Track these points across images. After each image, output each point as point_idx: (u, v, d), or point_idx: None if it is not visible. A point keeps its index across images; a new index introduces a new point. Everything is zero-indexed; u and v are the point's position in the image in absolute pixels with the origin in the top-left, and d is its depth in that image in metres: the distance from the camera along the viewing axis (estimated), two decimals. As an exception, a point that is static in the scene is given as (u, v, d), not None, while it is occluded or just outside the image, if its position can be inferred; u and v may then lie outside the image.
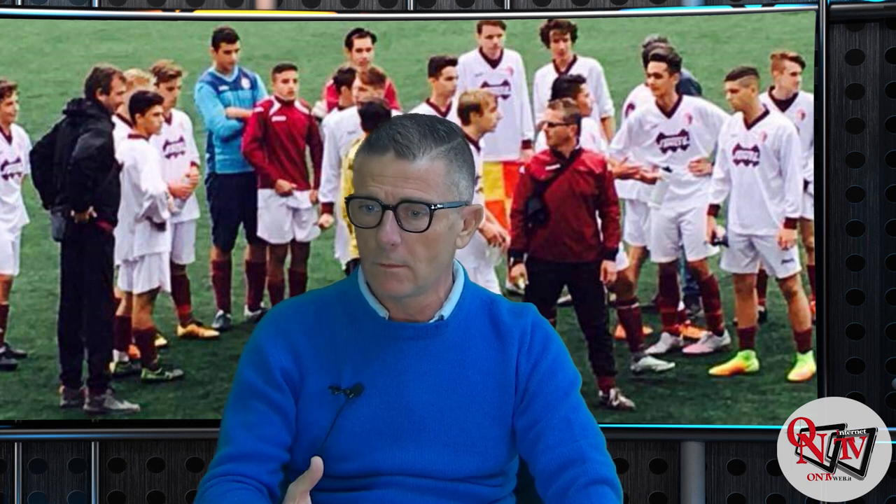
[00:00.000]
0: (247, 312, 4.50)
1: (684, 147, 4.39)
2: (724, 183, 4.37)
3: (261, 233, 4.48)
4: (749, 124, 4.34)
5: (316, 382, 2.31)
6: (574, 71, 4.43)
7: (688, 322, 4.43)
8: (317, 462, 2.10)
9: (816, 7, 4.26)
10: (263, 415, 2.31)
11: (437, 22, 4.50)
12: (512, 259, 4.37)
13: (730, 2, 4.45)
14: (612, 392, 4.33)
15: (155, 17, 4.44)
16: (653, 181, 4.40)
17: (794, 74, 4.31)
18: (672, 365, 4.37)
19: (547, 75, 4.44)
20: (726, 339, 4.39)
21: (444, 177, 2.22)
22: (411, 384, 2.30)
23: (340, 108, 4.48)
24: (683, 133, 4.39)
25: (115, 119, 4.36)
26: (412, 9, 4.52)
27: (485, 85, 4.46)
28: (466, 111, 4.35)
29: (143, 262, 4.41)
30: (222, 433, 2.34)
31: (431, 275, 2.27)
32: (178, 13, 4.45)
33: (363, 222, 2.23)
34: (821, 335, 4.23)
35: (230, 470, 2.29)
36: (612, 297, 4.37)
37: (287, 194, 4.48)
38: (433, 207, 2.21)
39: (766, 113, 4.33)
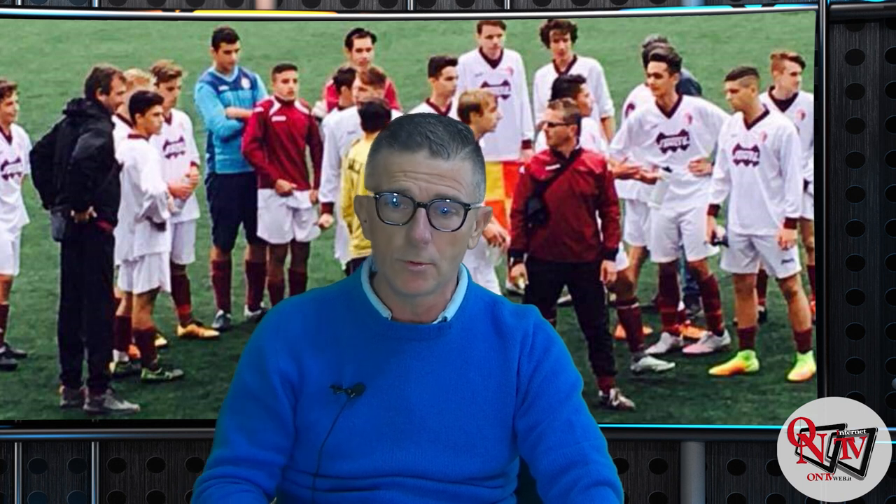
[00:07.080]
0: (247, 312, 4.50)
1: (684, 147, 4.39)
2: (724, 183, 4.37)
3: (261, 233, 4.48)
4: (749, 124, 4.34)
5: (317, 381, 2.30)
6: (574, 71, 4.43)
7: (688, 322, 4.43)
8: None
9: (816, 7, 4.26)
10: (261, 420, 2.30)
11: (437, 22, 4.50)
12: (512, 259, 4.37)
13: (730, 2, 4.45)
14: (612, 392, 4.33)
15: (155, 17, 4.43)
16: (653, 181, 4.40)
17: (794, 74, 4.31)
18: (672, 365, 4.37)
19: (547, 75, 4.44)
20: (726, 339, 4.39)
21: (471, 177, 2.24)
22: (412, 385, 2.30)
23: (340, 108, 4.48)
24: (683, 133, 4.39)
25: (115, 119, 4.36)
26: (412, 9, 4.52)
27: (485, 85, 4.46)
28: (466, 111, 4.35)
29: (143, 262, 4.41)
30: (219, 432, 2.33)
31: (451, 273, 2.28)
32: (178, 13, 4.45)
33: (391, 219, 2.21)
34: (821, 335, 4.23)
35: (228, 472, 2.29)
36: (612, 297, 4.37)
37: (287, 194, 4.48)
38: (468, 207, 2.21)
39: (766, 113, 4.33)
